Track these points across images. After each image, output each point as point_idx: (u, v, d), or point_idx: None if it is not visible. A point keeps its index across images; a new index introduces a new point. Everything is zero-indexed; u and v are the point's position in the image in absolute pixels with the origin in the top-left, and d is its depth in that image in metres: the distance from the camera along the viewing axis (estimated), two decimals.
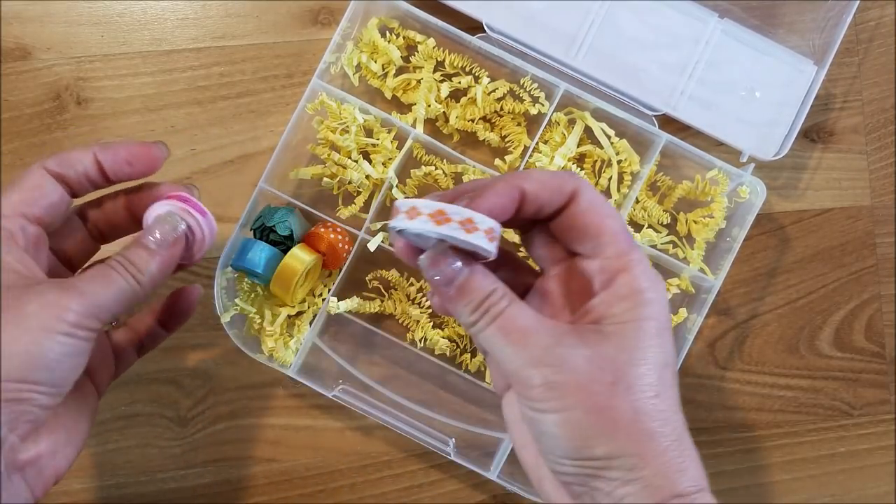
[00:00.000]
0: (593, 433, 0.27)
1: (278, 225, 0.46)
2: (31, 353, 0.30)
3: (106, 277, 0.32)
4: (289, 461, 0.50)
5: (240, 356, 0.49)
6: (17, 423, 0.30)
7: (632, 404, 0.28)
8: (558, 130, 0.49)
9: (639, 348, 0.29)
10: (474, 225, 0.28)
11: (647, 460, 0.27)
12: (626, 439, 0.27)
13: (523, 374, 0.28)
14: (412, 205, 0.28)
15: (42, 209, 0.34)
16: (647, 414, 0.28)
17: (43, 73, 0.51)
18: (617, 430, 0.27)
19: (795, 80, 0.50)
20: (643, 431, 0.28)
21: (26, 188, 0.34)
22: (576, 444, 0.28)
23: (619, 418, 0.28)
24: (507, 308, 0.29)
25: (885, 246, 0.52)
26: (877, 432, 0.52)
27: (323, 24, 0.52)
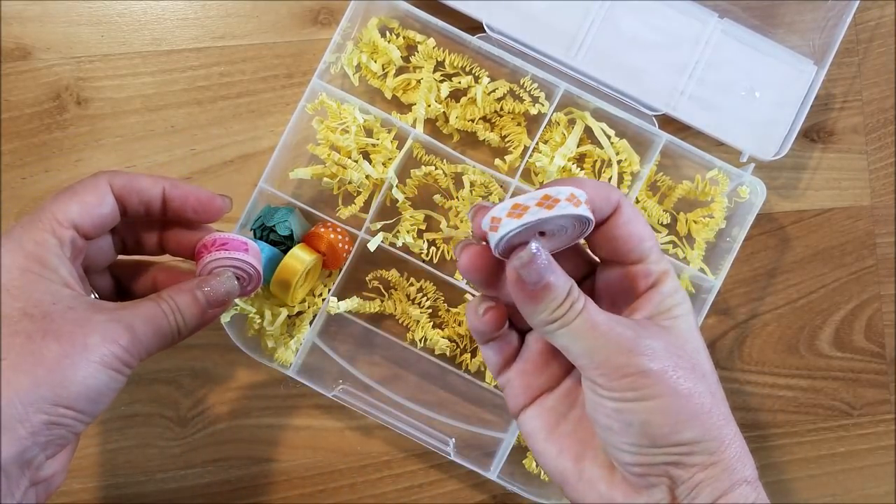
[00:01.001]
0: (683, 417, 0.29)
1: (278, 225, 0.46)
2: (87, 385, 0.31)
3: (156, 320, 0.33)
4: (289, 461, 0.50)
5: (240, 356, 0.49)
6: (52, 445, 0.31)
7: (709, 388, 0.30)
8: (558, 130, 0.49)
9: (695, 339, 0.31)
10: (552, 199, 0.28)
11: (725, 444, 0.29)
12: (710, 424, 0.29)
13: (616, 362, 0.29)
14: (514, 203, 0.28)
15: (94, 226, 0.34)
16: (722, 399, 0.30)
17: (43, 73, 0.51)
18: (702, 415, 0.29)
19: (795, 80, 0.50)
20: (722, 416, 0.30)
21: (87, 200, 0.34)
22: (665, 430, 0.29)
23: (703, 403, 0.29)
24: (587, 303, 0.30)
25: (885, 246, 0.53)
26: (877, 432, 0.52)
27: (323, 24, 0.52)
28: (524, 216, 0.28)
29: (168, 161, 0.51)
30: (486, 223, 0.29)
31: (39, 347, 0.30)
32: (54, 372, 0.30)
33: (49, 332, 0.30)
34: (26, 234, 0.32)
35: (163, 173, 0.51)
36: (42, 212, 0.33)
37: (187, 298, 0.35)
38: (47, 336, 0.30)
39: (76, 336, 0.31)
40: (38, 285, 0.31)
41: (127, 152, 0.51)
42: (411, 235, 0.48)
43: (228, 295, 0.36)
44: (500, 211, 0.28)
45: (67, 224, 0.33)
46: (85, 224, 0.33)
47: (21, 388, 0.29)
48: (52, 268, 0.32)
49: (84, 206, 0.33)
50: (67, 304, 0.31)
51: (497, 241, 0.29)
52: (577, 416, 0.33)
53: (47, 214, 0.33)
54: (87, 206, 0.34)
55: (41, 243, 0.32)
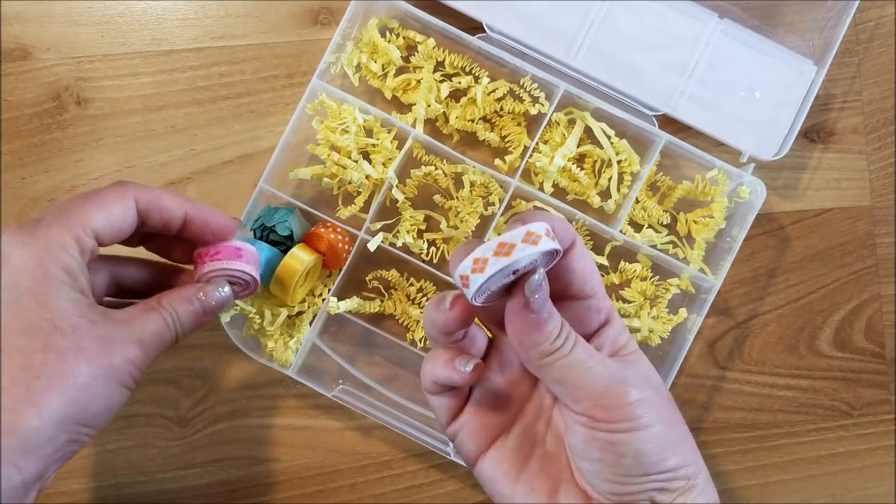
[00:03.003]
0: (668, 445, 0.30)
1: (278, 225, 0.46)
2: (108, 404, 0.32)
3: (161, 334, 0.34)
4: (289, 461, 0.50)
5: (240, 356, 0.49)
6: (65, 459, 0.32)
7: (680, 417, 0.32)
8: (558, 130, 0.49)
9: (654, 371, 0.33)
10: (535, 235, 0.28)
11: (699, 467, 0.31)
12: (688, 450, 0.31)
13: (613, 392, 0.30)
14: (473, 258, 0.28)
15: (112, 237, 0.34)
16: (687, 425, 0.32)
17: (43, 73, 0.51)
18: (682, 441, 0.31)
19: (795, 80, 0.50)
20: (693, 442, 0.31)
21: (113, 212, 0.34)
22: (655, 458, 0.30)
23: (681, 430, 0.31)
24: (578, 337, 0.31)
25: (885, 246, 0.53)
26: (877, 432, 0.52)
27: (323, 24, 0.52)
28: (512, 254, 0.28)
29: (168, 161, 0.51)
30: (467, 266, 0.28)
31: (72, 367, 0.30)
32: (83, 393, 0.31)
33: (80, 351, 0.31)
34: (53, 236, 0.32)
35: (163, 173, 0.51)
36: (69, 216, 0.33)
37: (186, 307, 0.35)
38: (78, 355, 0.31)
39: (103, 356, 0.31)
40: (63, 294, 0.31)
41: (127, 152, 0.51)
42: (411, 235, 0.48)
43: (223, 303, 0.37)
44: (486, 251, 0.28)
45: (91, 233, 0.33)
46: (105, 235, 0.34)
47: (54, 409, 0.30)
48: (74, 275, 0.32)
49: (109, 217, 0.34)
50: (90, 317, 0.32)
51: (481, 282, 0.28)
52: (542, 454, 0.33)
53: (75, 220, 0.33)
54: (112, 217, 0.34)
55: (67, 249, 0.32)
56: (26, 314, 0.30)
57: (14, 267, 0.31)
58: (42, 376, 0.30)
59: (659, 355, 0.50)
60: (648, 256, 0.49)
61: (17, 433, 0.29)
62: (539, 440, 0.34)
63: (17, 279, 0.31)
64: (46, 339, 0.30)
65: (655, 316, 0.49)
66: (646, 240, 0.49)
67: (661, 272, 0.50)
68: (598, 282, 0.33)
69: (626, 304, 0.49)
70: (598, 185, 0.50)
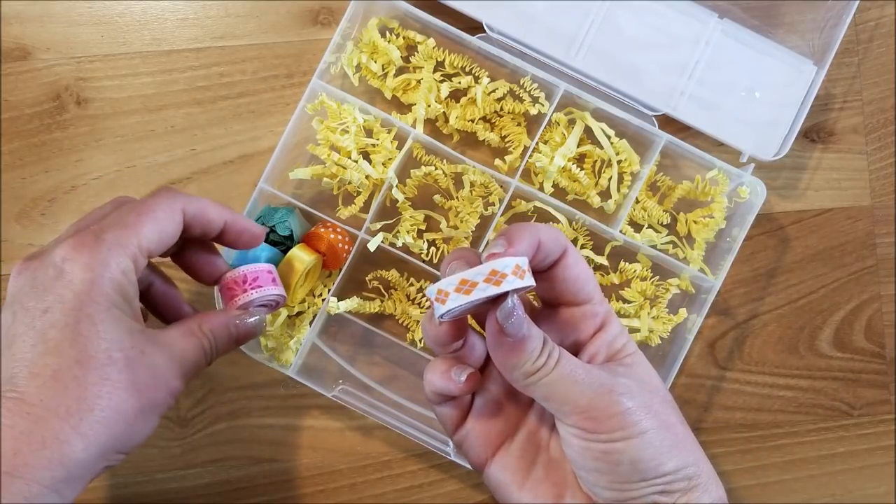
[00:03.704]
0: (665, 449, 0.30)
1: (278, 225, 0.46)
2: (146, 434, 0.32)
3: (199, 360, 0.34)
4: (289, 461, 0.50)
5: (240, 356, 0.49)
6: (92, 480, 0.32)
7: (679, 418, 0.31)
8: (558, 130, 0.49)
9: (654, 373, 0.33)
10: (499, 274, 0.28)
11: (701, 466, 0.31)
12: (687, 451, 0.31)
13: (600, 404, 0.30)
14: (437, 288, 0.29)
15: (159, 251, 0.34)
16: (688, 425, 0.32)
17: (43, 73, 0.51)
18: (681, 443, 0.31)
19: (795, 80, 0.50)
20: (693, 441, 0.31)
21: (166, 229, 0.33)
22: (653, 463, 0.30)
23: (679, 432, 0.31)
24: (561, 352, 0.31)
25: (885, 246, 0.52)
26: (877, 432, 0.52)
27: (323, 24, 0.52)
28: (472, 293, 0.28)
29: (168, 161, 0.51)
30: (432, 292, 0.29)
31: (122, 402, 0.30)
32: (130, 427, 0.31)
33: (131, 385, 0.31)
34: (114, 259, 0.31)
35: (163, 173, 0.51)
36: (127, 235, 0.32)
37: (224, 334, 0.36)
38: (129, 389, 0.31)
39: (149, 390, 0.31)
40: (120, 322, 0.31)
41: (127, 152, 0.51)
42: (411, 235, 0.48)
43: (257, 332, 0.38)
44: (448, 285, 0.29)
45: (146, 253, 0.33)
46: (155, 252, 0.33)
47: (101, 443, 0.30)
48: (129, 300, 0.32)
49: (162, 234, 0.33)
50: (141, 346, 0.32)
51: (443, 312, 0.29)
52: (546, 460, 0.33)
53: (133, 240, 0.32)
54: (164, 234, 0.33)
55: (126, 273, 0.32)
56: (84, 342, 0.30)
57: (74, 288, 0.30)
58: (95, 410, 0.30)
59: (659, 355, 0.50)
60: (648, 256, 0.49)
61: (65, 464, 0.29)
62: (543, 446, 0.34)
63: (75, 302, 0.30)
64: (102, 371, 0.30)
65: (655, 316, 0.49)
66: (646, 240, 0.49)
67: (661, 272, 0.50)
68: (594, 287, 0.33)
69: (626, 304, 0.49)
70: (598, 185, 0.50)
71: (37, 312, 0.30)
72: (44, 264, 0.31)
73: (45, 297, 0.30)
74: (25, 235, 0.50)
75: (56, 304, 0.30)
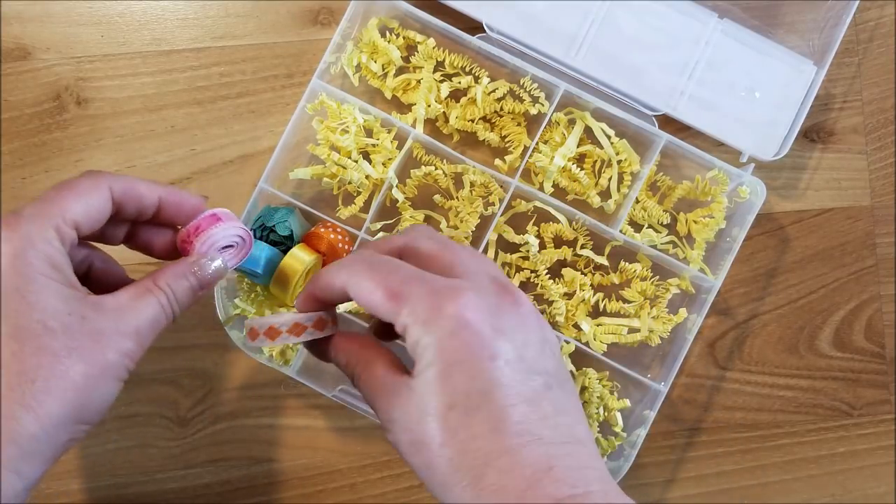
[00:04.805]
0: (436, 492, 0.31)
1: (278, 225, 0.46)
2: (105, 399, 0.31)
3: (158, 320, 0.33)
4: (289, 461, 0.50)
5: (240, 356, 0.49)
6: (60, 456, 0.31)
7: (427, 461, 0.30)
8: (558, 130, 0.49)
9: (429, 398, 0.30)
10: (302, 325, 0.34)
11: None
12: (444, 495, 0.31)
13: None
14: (269, 325, 0.34)
15: (90, 228, 0.33)
16: (450, 464, 0.30)
17: (43, 73, 0.51)
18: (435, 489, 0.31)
19: (795, 80, 0.50)
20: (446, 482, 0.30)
21: (91, 203, 0.33)
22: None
23: (428, 481, 0.31)
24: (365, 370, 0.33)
25: (885, 246, 0.52)
26: (877, 432, 0.52)
27: (323, 24, 0.52)
28: (302, 335, 0.34)
29: (168, 161, 0.51)
30: (263, 327, 0.34)
31: (67, 369, 0.30)
32: (80, 393, 0.30)
33: (73, 350, 0.30)
34: (35, 230, 0.31)
35: (163, 173, 0.51)
36: (48, 207, 0.32)
37: (183, 284, 0.35)
38: (72, 355, 0.30)
39: (97, 353, 0.31)
40: (51, 290, 0.31)
41: (127, 152, 0.51)
42: None
43: (219, 272, 0.36)
44: (261, 327, 0.34)
45: (72, 223, 0.32)
46: (84, 225, 0.33)
47: (52, 413, 0.30)
48: (60, 268, 0.31)
49: (88, 208, 0.33)
50: (81, 312, 0.31)
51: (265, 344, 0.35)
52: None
53: (55, 211, 0.32)
54: (91, 208, 0.33)
55: (50, 242, 0.31)
56: (15, 316, 0.30)
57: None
58: (38, 380, 0.29)
59: (659, 355, 0.50)
60: (648, 256, 0.49)
61: (17, 441, 0.29)
62: None
63: (2, 279, 0.30)
64: (38, 341, 0.30)
65: (655, 316, 0.49)
66: (646, 240, 0.49)
67: (661, 272, 0.50)
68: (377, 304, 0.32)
69: (626, 304, 0.49)
70: (598, 185, 0.50)
71: None
72: None
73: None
74: None
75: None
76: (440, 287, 0.30)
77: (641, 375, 0.48)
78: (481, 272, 0.32)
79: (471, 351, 0.29)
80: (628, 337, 0.48)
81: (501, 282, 0.32)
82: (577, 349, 0.48)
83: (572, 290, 0.49)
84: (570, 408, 0.31)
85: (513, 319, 0.31)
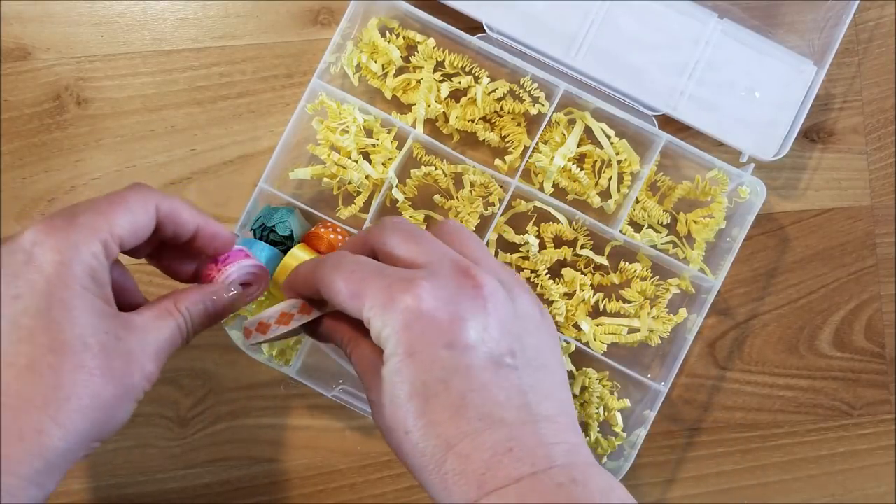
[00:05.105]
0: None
1: (278, 225, 0.46)
2: (123, 420, 0.32)
3: (175, 342, 0.34)
4: (289, 461, 0.50)
5: (240, 356, 0.49)
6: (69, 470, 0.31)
7: (407, 446, 0.31)
8: (558, 130, 0.49)
9: (397, 389, 0.31)
10: (287, 314, 0.35)
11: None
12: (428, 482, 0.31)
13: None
14: (258, 321, 0.35)
15: (132, 243, 0.33)
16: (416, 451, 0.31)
17: (43, 73, 0.51)
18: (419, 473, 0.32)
19: (795, 80, 0.50)
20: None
21: (138, 220, 0.33)
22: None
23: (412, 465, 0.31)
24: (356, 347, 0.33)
25: (885, 246, 0.53)
26: (877, 432, 0.52)
27: (323, 24, 0.52)
28: (290, 323, 0.35)
29: (168, 161, 0.51)
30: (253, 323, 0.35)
31: (99, 389, 0.30)
32: (107, 413, 0.31)
33: (107, 371, 0.30)
34: (84, 242, 0.30)
35: (163, 173, 0.51)
36: (99, 220, 0.31)
37: (200, 311, 0.35)
38: (105, 375, 0.30)
39: (125, 376, 0.31)
40: (92, 306, 0.30)
41: (127, 152, 0.51)
42: None
43: (236, 306, 0.37)
44: (269, 318, 0.35)
45: (117, 239, 0.32)
46: (127, 242, 0.32)
47: (79, 431, 0.30)
48: (101, 284, 0.31)
49: (134, 225, 0.32)
50: (115, 331, 0.31)
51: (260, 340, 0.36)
52: None
53: (103, 224, 0.31)
54: (137, 225, 0.32)
55: (97, 256, 0.31)
56: (57, 328, 0.29)
57: (44, 273, 0.30)
58: (72, 398, 0.29)
59: (659, 355, 0.50)
60: (648, 256, 0.49)
61: (45, 455, 0.29)
62: None
63: (46, 287, 0.29)
64: (77, 358, 0.29)
65: (655, 316, 0.49)
66: (646, 240, 0.49)
67: (661, 272, 0.50)
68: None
69: (626, 304, 0.49)
70: (598, 185, 0.50)
71: (7, 299, 0.29)
72: (12, 249, 0.30)
73: (15, 283, 0.29)
74: None
75: (27, 289, 0.29)
76: (395, 280, 0.31)
77: (641, 375, 0.48)
78: (443, 259, 0.32)
79: (427, 340, 0.30)
80: (628, 337, 0.48)
81: (462, 266, 0.32)
82: (577, 349, 0.48)
83: (572, 290, 0.49)
84: (539, 385, 0.31)
85: (472, 303, 0.31)
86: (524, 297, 0.33)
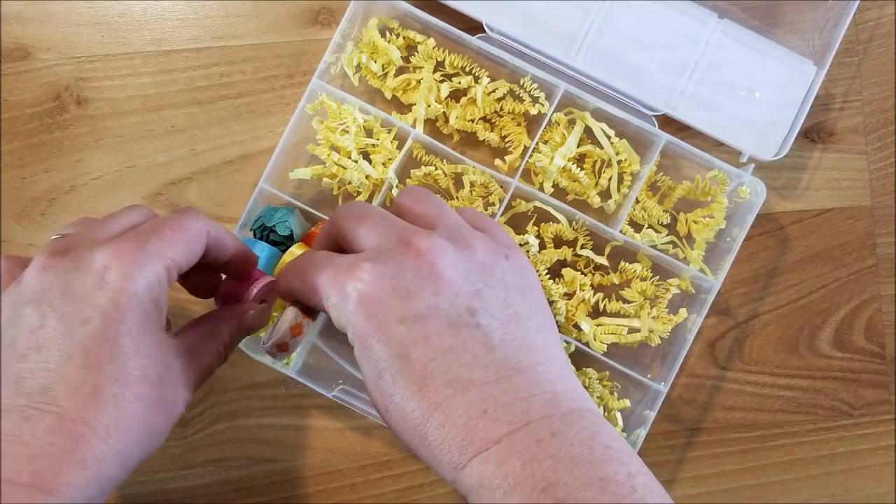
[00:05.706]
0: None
1: (278, 225, 0.46)
2: (161, 443, 0.32)
3: (212, 365, 0.34)
4: (289, 461, 0.50)
5: (240, 356, 0.49)
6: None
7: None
8: (558, 130, 0.49)
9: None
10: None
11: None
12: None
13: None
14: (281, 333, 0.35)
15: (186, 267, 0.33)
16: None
17: (43, 73, 0.51)
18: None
19: (795, 80, 0.50)
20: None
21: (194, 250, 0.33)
22: None
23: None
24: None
25: (885, 246, 0.53)
26: (877, 432, 0.52)
27: (323, 25, 0.52)
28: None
29: (168, 161, 0.51)
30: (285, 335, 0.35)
31: (153, 419, 0.30)
32: (156, 442, 0.31)
33: (161, 403, 0.31)
34: (152, 269, 0.31)
35: (163, 173, 0.51)
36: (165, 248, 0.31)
37: (236, 332, 0.36)
38: (159, 406, 0.31)
39: (174, 405, 0.32)
40: (153, 335, 0.31)
41: (127, 152, 0.51)
42: None
43: (258, 326, 0.37)
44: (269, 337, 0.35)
45: (177, 266, 0.32)
46: (183, 268, 0.33)
47: (134, 458, 0.30)
48: (161, 311, 0.31)
49: (190, 252, 0.33)
50: (168, 362, 0.31)
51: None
52: None
53: (168, 253, 0.31)
54: (192, 253, 0.33)
55: (161, 283, 0.31)
56: (124, 359, 0.29)
57: (115, 299, 0.29)
58: (133, 430, 0.30)
59: (659, 355, 0.50)
60: (648, 256, 0.49)
61: (99, 482, 0.29)
62: None
63: (117, 315, 0.29)
64: (137, 389, 0.30)
65: (655, 316, 0.49)
66: (646, 240, 0.49)
67: (661, 272, 0.50)
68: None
69: (626, 304, 0.49)
70: (598, 185, 0.50)
71: (74, 322, 0.29)
72: (81, 268, 0.30)
73: (83, 306, 0.29)
74: (25, 235, 0.50)
75: (96, 315, 0.29)
76: (341, 269, 0.31)
77: (641, 375, 0.48)
78: (389, 234, 0.32)
79: (377, 321, 0.30)
80: (628, 337, 0.48)
81: (405, 238, 0.31)
82: (577, 349, 0.48)
83: (572, 290, 0.49)
84: (510, 336, 0.30)
85: (416, 273, 0.30)
86: (481, 245, 0.32)
